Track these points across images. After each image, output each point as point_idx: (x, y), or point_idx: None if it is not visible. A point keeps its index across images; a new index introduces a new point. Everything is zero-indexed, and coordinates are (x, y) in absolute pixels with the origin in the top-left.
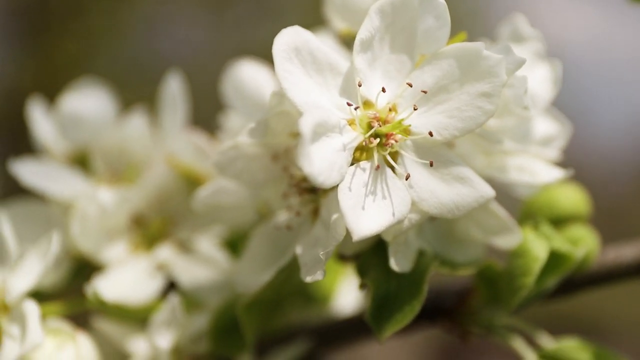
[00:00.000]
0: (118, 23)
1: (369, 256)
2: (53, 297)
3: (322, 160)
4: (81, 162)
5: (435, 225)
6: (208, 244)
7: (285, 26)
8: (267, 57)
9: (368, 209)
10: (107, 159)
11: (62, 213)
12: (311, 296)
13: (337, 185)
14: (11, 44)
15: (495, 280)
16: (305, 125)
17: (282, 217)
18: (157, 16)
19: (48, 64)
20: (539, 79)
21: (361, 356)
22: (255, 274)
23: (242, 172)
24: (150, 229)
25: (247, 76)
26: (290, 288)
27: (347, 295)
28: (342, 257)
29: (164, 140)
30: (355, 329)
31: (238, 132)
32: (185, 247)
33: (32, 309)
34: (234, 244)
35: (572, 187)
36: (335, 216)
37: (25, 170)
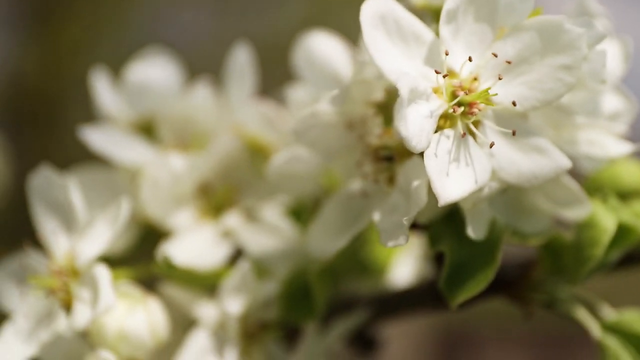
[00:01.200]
0: (123, 8)
1: (441, 225)
2: (119, 263)
3: (415, 125)
4: (146, 131)
5: (505, 197)
6: (273, 213)
7: (290, 13)
8: (272, 43)
9: (452, 175)
10: (173, 128)
11: (129, 180)
12: (367, 267)
13: (415, 153)
14: (16, 28)
15: (561, 252)
16: (403, 89)
17: (356, 185)
18: (162, 1)
19: (53, 48)
20: (609, 55)
21: None
22: (329, 241)
23: (318, 140)
24: (216, 197)
25: (318, 47)
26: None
27: (401, 269)
28: (412, 227)
29: (231, 110)
30: (410, 301)
31: (315, 101)
32: (251, 216)
33: (103, 272)
34: (297, 214)
35: (635, 162)
36: (416, 183)
37: (95, 137)
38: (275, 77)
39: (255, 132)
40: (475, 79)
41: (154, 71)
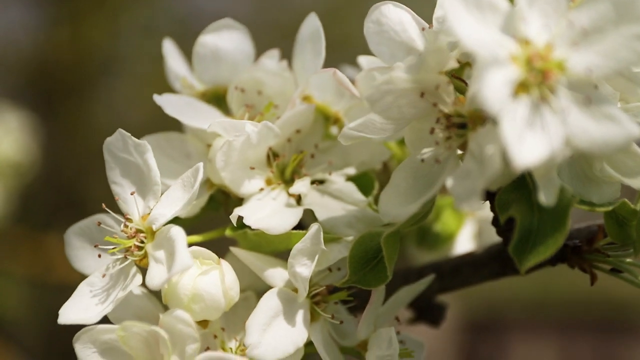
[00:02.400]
0: None
1: (510, 192)
2: (190, 227)
3: (492, 92)
4: (217, 100)
5: (572, 165)
6: (341, 180)
7: None
8: (295, 28)
9: (528, 141)
10: (244, 98)
11: (200, 146)
12: (432, 238)
13: (489, 120)
14: (46, 4)
15: (627, 220)
16: (481, 56)
17: (429, 151)
18: None
19: (82, 25)
20: None
21: None
22: (401, 206)
23: (391, 107)
24: (287, 164)
25: (389, 16)
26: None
27: (465, 239)
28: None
29: (302, 79)
30: (475, 266)
31: (391, 69)
32: (319, 183)
33: (179, 234)
34: (363, 182)
35: None
36: (490, 150)
37: (169, 103)
38: None
39: (324, 101)
40: (550, 47)
41: (225, 42)
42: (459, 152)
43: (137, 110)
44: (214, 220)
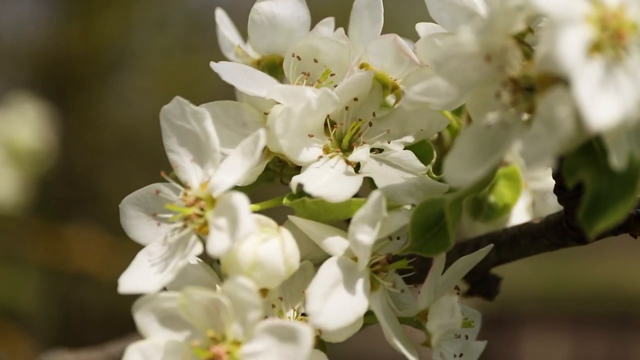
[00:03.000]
0: None
1: (577, 155)
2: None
3: (565, 51)
4: (272, 68)
5: (637, 132)
6: (400, 148)
7: None
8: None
9: (602, 102)
10: (301, 66)
11: (256, 114)
12: (487, 207)
13: (559, 83)
14: (56, 2)
15: None
16: (554, 15)
17: (494, 116)
18: None
19: (96, 16)
20: None
21: None
22: (467, 171)
23: (457, 71)
24: (344, 133)
25: None
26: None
27: (520, 211)
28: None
29: (360, 47)
30: (532, 236)
31: (452, 34)
32: (378, 151)
33: (241, 201)
34: (420, 150)
35: None
36: (562, 112)
37: (226, 71)
38: None
39: (384, 68)
40: (623, 7)
41: (281, 8)
42: (526, 116)
43: (148, 104)
44: (268, 191)
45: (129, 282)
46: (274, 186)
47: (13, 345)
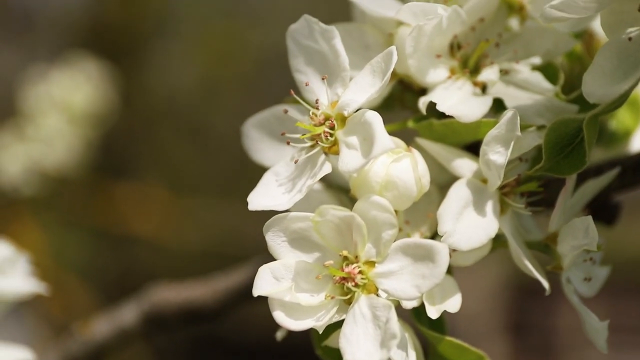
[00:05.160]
0: None
1: None
2: None
3: None
4: None
5: None
6: (527, 70)
7: None
8: None
9: None
10: None
11: (380, 37)
12: (608, 133)
13: None
14: None
15: None
16: None
17: (635, 30)
18: None
19: None
20: None
21: None
22: (609, 85)
23: None
24: (470, 54)
25: None
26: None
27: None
28: None
29: None
30: None
31: None
32: (505, 72)
33: (376, 117)
34: (547, 72)
35: None
36: None
37: None
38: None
39: None
40: None
41: None
42: None
43: (189, 71)
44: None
45: (258, 200)
46: (394, 114)
47: (72, 296)
